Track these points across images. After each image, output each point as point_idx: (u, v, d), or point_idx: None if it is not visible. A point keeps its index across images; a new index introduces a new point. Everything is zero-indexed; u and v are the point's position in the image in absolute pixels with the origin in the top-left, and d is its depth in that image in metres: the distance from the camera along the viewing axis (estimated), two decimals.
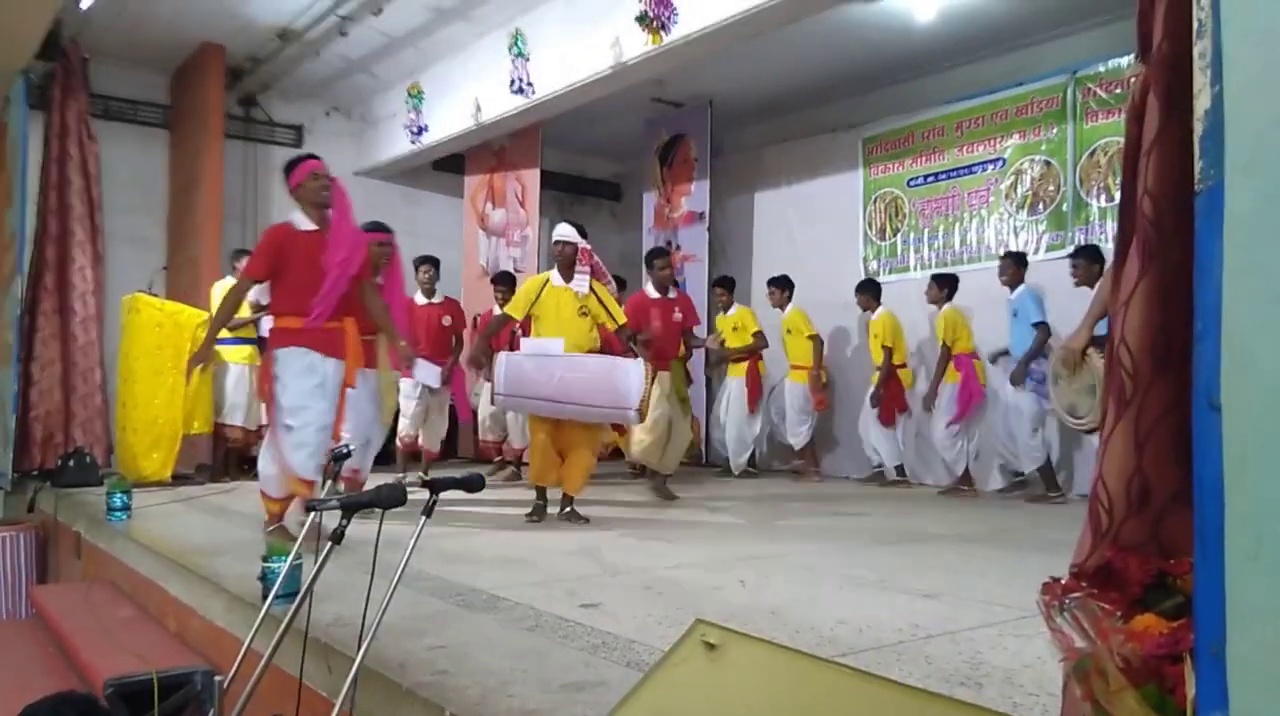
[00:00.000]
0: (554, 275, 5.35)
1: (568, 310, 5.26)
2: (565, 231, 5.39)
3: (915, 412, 7.61)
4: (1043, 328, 6.37)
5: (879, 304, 7.64)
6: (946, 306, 7.03)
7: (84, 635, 3.96)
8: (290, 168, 4.56)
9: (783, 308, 8.03)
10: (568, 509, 5.27)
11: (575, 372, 5.00)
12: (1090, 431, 4.54)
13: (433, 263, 7.44)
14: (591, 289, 5.31)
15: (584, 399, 4.95)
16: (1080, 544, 1.58)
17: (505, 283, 7.60)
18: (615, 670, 2.44)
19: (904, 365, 7.61)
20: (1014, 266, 6.68)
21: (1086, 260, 6.05)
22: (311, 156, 4.67)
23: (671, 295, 6.77)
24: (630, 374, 4.98)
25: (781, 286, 8.07)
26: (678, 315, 6.67)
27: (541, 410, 5.09)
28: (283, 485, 4.43)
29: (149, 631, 4.04)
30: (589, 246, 5.39)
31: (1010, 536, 5.01)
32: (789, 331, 7.95)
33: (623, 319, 5.49)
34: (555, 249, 5.39)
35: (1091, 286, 5.84)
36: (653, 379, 5.13)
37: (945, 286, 7.09)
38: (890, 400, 7.52)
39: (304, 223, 4.48)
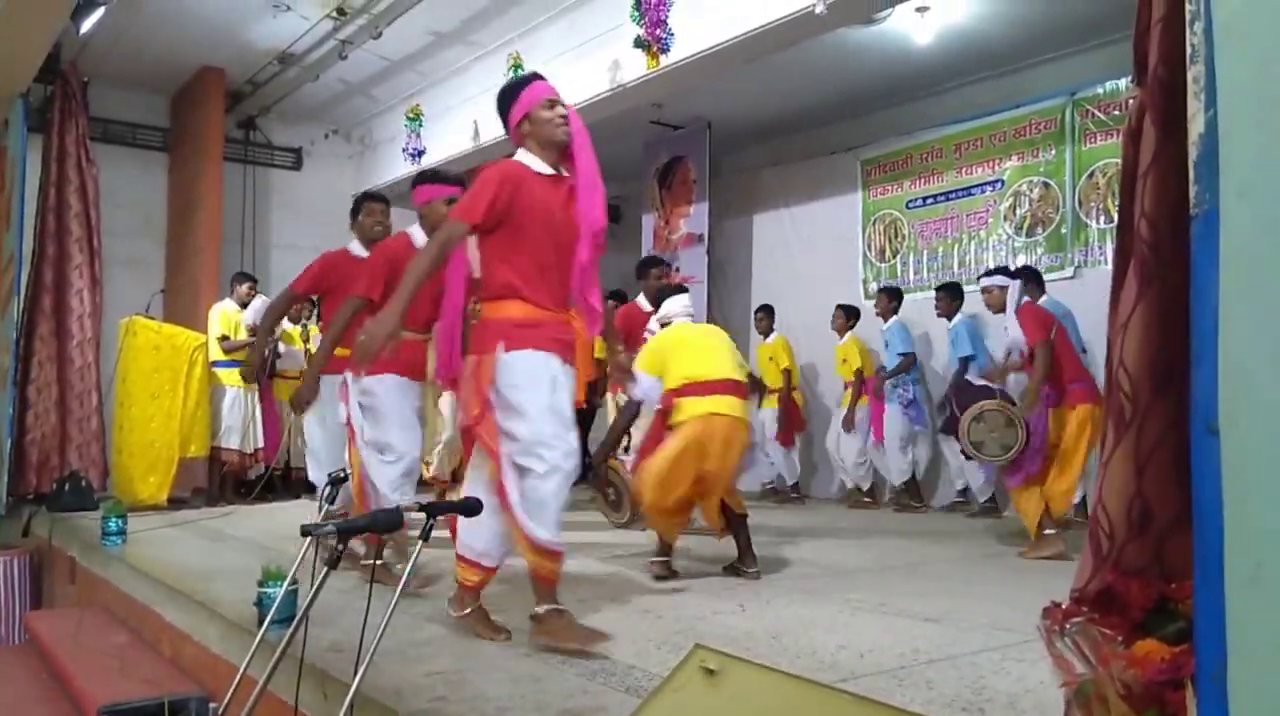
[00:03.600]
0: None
1: None
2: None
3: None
4: (909, 357, 7.38)
5: (773, 328, 8.10)
6: (848, 335, 7.75)
7: (78, 661, 3.93)
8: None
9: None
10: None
11: None
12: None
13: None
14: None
15: None
16: (1081, 567, 1.57)
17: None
18: (614, 696, 2.42)
19: (796, 387, 8.10)
20: (887, 299, 7.54)
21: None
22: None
23: None
24: None
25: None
26: None
27: None
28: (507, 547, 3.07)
29: (144, 657, 4.00)
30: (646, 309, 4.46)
31: (1011, 558, 4.98)
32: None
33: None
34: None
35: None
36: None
37: (852, 315, 7.83)
38: (790, 421, 7.98)
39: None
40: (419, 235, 3.95)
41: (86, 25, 6.52)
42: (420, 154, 8.90)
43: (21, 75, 6.92)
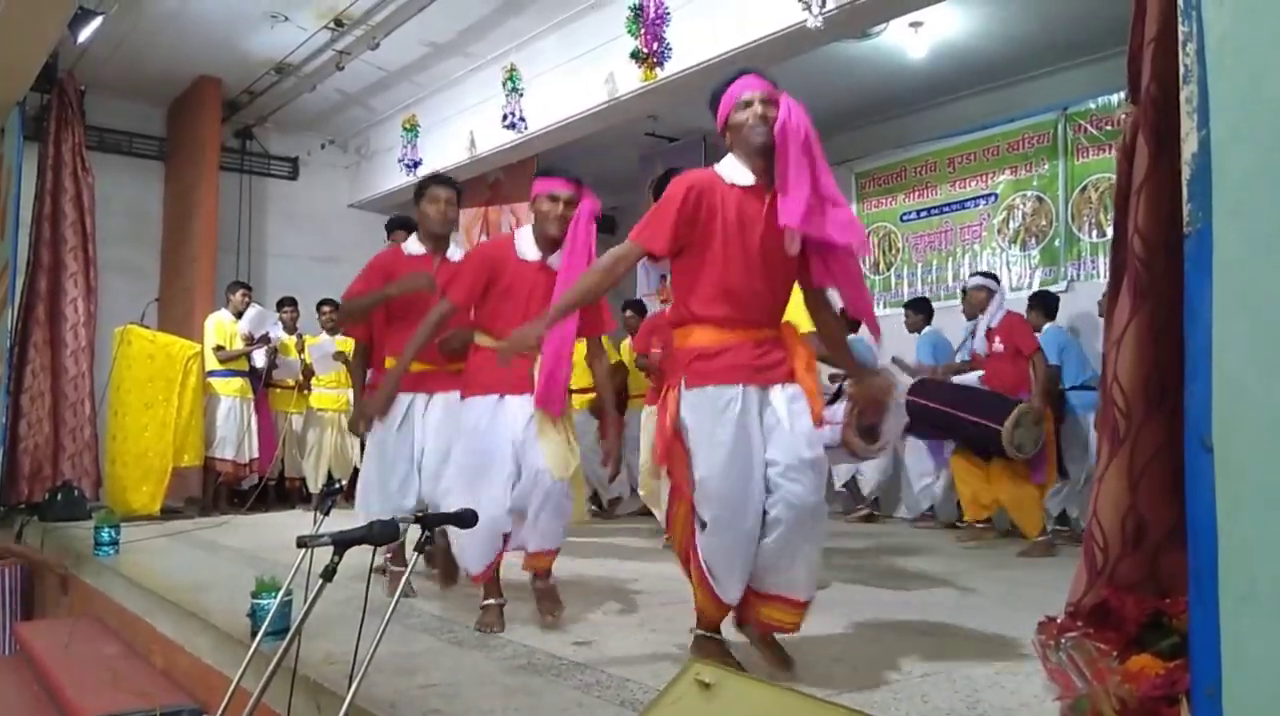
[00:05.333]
0: None
1: None
2: None
3: None
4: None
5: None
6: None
7: (69, 672, 3.90)
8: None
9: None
10: None
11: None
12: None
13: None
14: None
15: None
16: (1076, 582, 1.58)
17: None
18: (609, 709, 2.41)
19: None
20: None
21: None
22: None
23: None
24: None
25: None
26: None
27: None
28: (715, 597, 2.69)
29: (135, 668, 3.98)
30: None
31: (1005, 571, 4.99)
32: None
33: None
34: None
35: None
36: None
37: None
38: None
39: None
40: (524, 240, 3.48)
41: (84, 34, 6.54)
42: (416, 164, 8.92)
43: (18, 84, 6.92)
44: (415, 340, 3.48)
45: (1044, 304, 6.47)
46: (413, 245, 4.09)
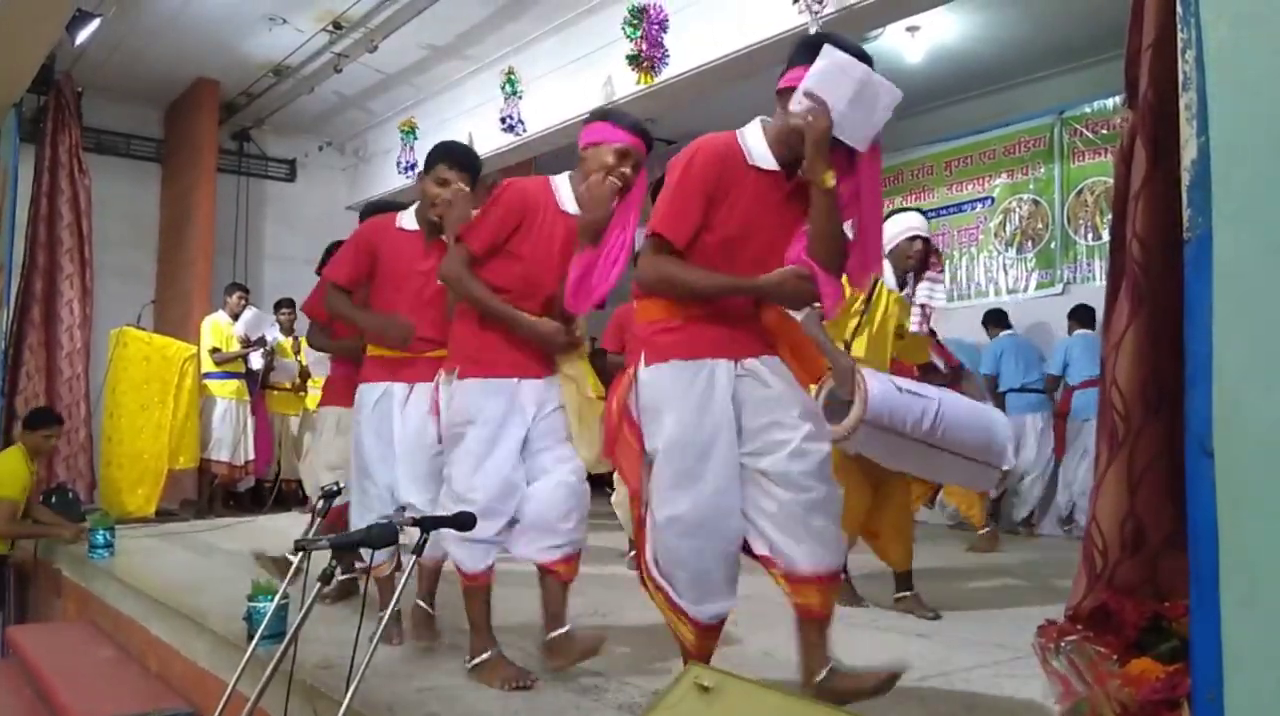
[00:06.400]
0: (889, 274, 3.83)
1: (891, 323, 3.83)
2: (916, 222, 4.01)
3: None
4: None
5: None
6: None
7: (63, 676, 3.89)
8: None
9: None
10: (906, 592, 3.90)
11: (954, 408, 3.58)
12: None
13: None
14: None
15: (955, 445, 3.55)
16: (1075, 586, 1.58)
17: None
18: (607, 713, 2.41)
19: None
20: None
21: None
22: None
23: None
24: (1000, 421, 3.79)
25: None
26: None
27: (906, 454, 3.59)
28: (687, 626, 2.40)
29: (130, 672, 3.97)
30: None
31: (1002, 574, 4.99)
32: None
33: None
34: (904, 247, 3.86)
35: None
36: None
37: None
38: None
39: None
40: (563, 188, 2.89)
41: (82, 36, 6.53)
42: (414, 167, 8.91)
43: (15, 85, 6.90)
44: (486, 301, 2.78)
45: (994, 318, 7.03)
46: (408, 219, 3.38)
